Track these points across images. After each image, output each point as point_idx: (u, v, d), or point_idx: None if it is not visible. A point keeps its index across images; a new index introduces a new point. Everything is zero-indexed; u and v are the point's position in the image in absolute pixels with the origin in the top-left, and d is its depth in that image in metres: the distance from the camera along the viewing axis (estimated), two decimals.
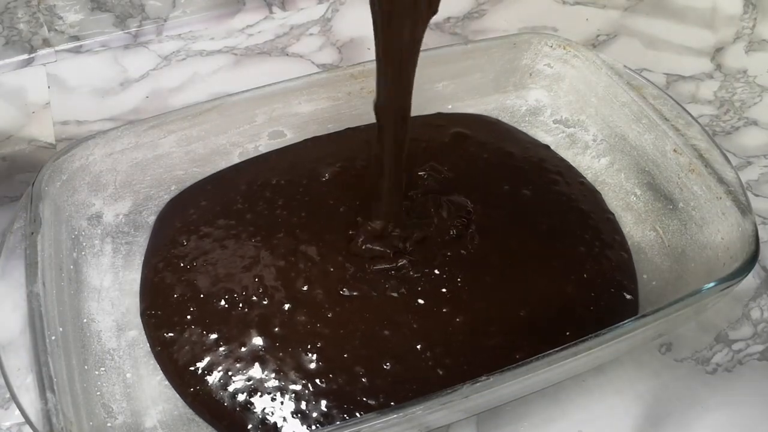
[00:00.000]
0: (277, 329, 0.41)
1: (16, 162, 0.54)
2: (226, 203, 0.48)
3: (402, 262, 0.44)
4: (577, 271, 0.44)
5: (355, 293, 0.43)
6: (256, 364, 0.40)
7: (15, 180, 0.52)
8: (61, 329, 0.37)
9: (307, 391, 0.39)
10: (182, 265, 0.44)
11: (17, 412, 0.33)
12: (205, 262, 0.44)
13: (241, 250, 0.45)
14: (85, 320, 0.41)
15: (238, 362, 0.40)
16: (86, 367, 0.38)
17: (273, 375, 0.39)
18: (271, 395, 0.39)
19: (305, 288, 0.43)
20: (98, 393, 0.38)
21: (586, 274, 0.44)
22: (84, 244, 0.44)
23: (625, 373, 0.42)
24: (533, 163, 0.51)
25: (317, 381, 0.39)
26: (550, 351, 0.33)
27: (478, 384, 0.32)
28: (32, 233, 0.39)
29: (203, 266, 0.44)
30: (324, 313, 0.42)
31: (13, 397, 0.33)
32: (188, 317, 0.42)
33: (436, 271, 0.44)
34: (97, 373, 0.39)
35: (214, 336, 0.41)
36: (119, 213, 0.46)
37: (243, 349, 0.40)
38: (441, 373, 0.39)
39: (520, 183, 0.49)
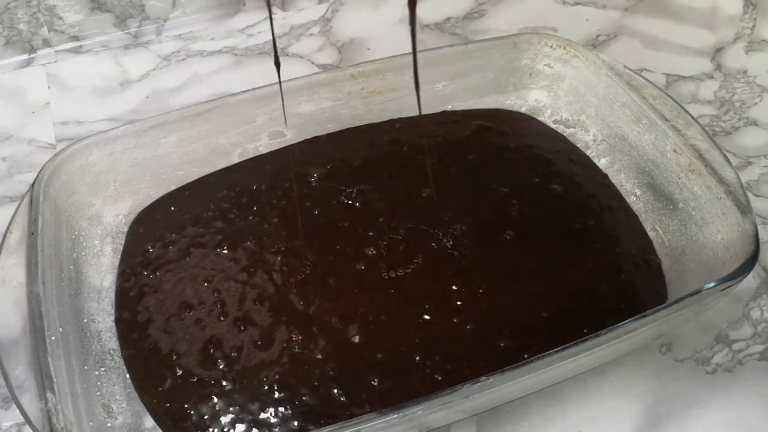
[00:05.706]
0: (232, 350, 0.39)
1: (16, 162, 0.54)
2: (199, 210, 0.46)
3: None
4: (614, 272, 0.43)
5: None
6: (218, 384, 0.38)
7: (15, 180, 0.53)
8: (61, 329, 0.37)
9: (264, 410, 0.37)
10: (145, 273, 0.43)
11: (17, 412, 0.33)
12: (168, 272, 0.42)
13: (204, 261, 0.43)
14: (85, 320, 0.41)
15: (198, 383, 0.38)
16: (86, 367, 0.38)
17: (234, 395, 0.38)
18: (233, 414, 0.37)
19: (258, 305, 0.41)
20: (98, 393, 0.38)
21: (624, 275, 0.43)
22: (84, 244, 0.44)
23: (625, 373, 0.42)
24: (558, 155, 0.50)
25: (276, 401, 0.37)
26: (550, 351, 0.33)
27: (478, 384, 0.32)
28: (32, 233, 0.39)
29: (165, 276, 0.42)
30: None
31: (13, 397, 0.33)
32: (148, 333, 0.40)
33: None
34: (97, 373, 0.38)
35: (172, 357, 0.39)
36: (119, 213, 0.46)
37: (202, 369, 0.39)
38: (440, 378, 0.38)
39: (550, 177, 0.48)
